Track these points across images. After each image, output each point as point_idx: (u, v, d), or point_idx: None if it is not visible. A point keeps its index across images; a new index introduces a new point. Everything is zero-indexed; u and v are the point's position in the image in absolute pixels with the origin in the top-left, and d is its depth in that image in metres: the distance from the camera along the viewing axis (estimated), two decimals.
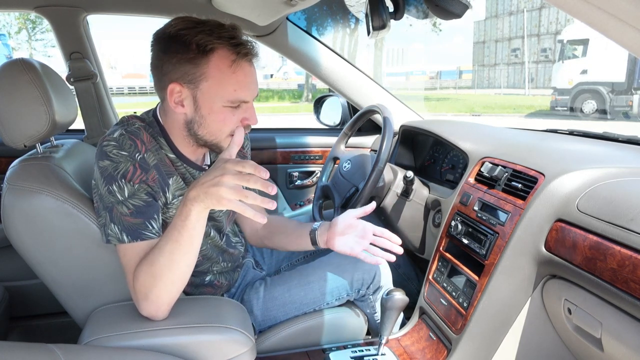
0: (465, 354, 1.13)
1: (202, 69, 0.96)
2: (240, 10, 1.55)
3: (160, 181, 1.01)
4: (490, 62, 29.41)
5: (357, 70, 1.95)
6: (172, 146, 1.06)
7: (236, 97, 0.98)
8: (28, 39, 20.72)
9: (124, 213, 0.96)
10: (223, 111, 0.99)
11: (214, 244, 1.18)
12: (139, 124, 1.02)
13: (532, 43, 26.09)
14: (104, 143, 0.98)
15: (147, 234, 0.98)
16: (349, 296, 1.31)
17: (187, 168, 1.09)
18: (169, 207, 1.05)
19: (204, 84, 0.97)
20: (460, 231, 1.24)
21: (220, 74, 0.96)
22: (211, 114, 0.99)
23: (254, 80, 1.02)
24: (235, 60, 0.96)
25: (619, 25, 0.47)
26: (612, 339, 0.88)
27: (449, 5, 0.88)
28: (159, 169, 1.01)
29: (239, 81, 0.97)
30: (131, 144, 0.97)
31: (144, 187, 0.98)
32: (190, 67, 0.96)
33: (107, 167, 0.96)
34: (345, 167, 1.56)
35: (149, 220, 0.98)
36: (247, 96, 1.00)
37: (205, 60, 0.95)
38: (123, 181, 0.96)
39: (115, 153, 0.96)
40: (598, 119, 12.16)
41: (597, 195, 0.95)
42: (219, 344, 0.95)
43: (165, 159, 1.04)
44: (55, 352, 0.80)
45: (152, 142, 1.02)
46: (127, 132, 0.99)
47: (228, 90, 0.97)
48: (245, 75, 0.98)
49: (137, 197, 0.97)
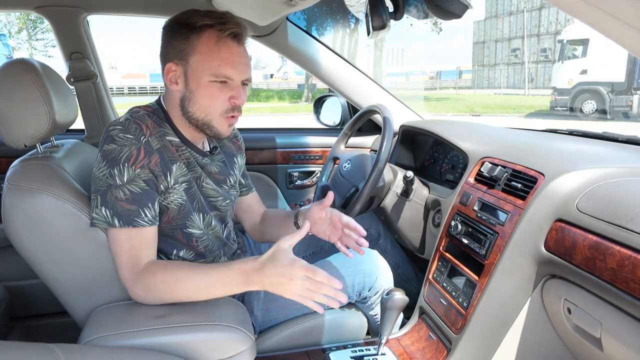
0: (465, 353, 1.13)
1: (191, 44, 1.02)
2: (240, 10, 1.55)
3: (163, 165, 1.04)
4: (490, 62, 29.42)
5: (357, 70, 1.95)
6: (176, 131, 1.10)
7: (220, 72, 1.02)
8: (28, 38, 20.72)
9: (119, 198, 0.99)
10: (210, 86, 1.03)
11: (214, 235, 1.19)
12: (143, 112, 1.08)
13: (532, 43, 26.10)
14: (110, 128, 1.02)
15: (140, 221, 1.00)
16: (350, 299, 1.31)
17: (191, 152, 1.12)
18: (170, 191, 1.06)
19: (193, 58, 1.03)
20: (460, 231, 1.24)
21: (207, 49, 1.02)
22: (199, 88, 1.04)
23: (242, 61, 1.05)
24: (221, 37, 1.02)
25: (619, 25, 0.47)
26: (611, 339, 0.89)
27: (449, 5, 0.88)
28: (162, 154, 1.04)
29: (223, 57, 1.02)
30: (137, 127, 1.01)
31: (145, 172, 1.00)
32: (182, 43, 1.03)
33: (112, 150, 0.99)
34: (345, 167, 1.56)
35: (143, 207, 1.00)
36: (232, 74, 1.04)
37: (196, 36, 1.02)
38: (126, 165, 0.98)
39: (121, 136, 1.00)
40: (598, 119, 12.16)
41: (597, 195, 0.95)
42: (219, 342, 0.96)
43: (169, 146, 1.07)
44: (56, 351, 0.80)
45: (156, 128, 1.06)
46: (132, 117, 1.04)
47: (213, 65, 1.02)
48: (231, 53, 1.03)
49: (135, 184, 0.99)
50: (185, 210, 1.10)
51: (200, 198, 1.13)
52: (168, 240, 1.12)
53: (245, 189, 1.38)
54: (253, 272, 0.93)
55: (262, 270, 0.93)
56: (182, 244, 1.14)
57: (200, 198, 1.14)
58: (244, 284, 0.94)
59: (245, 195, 1.39)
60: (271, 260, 0.93)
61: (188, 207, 1.10)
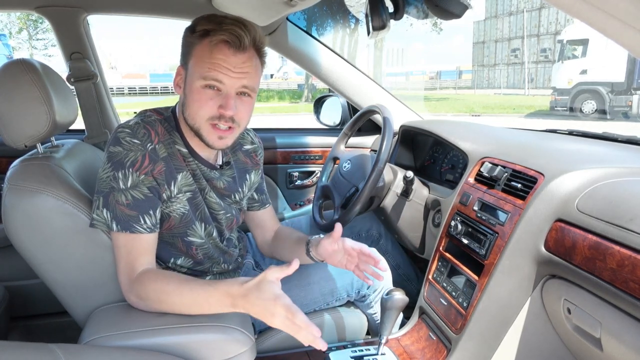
0: (465, 353, 1.13)
1: (192, 48, 1.02)
2: (240, 11, 1.55)
3: (167, 174, 1.03)
4: (490, 62, 29.42)
5: (357, 71, 1.95)
6: (185, 141, 1.08)
7: (208, 75, 0.99)
8: (29, 38, 20.73)
9: (120, 202, 0.98)
10: (200, 92, 1.00)
11: (215, 244, 1.18)
12: (155, 117, 1.06)
13: (531, 43, 26.10)
14: (119, 129, 1.01)
15: (138, 227, 0.99)
16: (349, 297, 1.31)
17: (198, 165, 1.10)
18: (172, 201, 1.06)
19: (190, 62, 1.02)
20: (460, 231, 1.24)
21: (202, 53, 1.00)
22: (191, 93, 1.02)
23: (237, 67, 1.00)
24: (214, 42, 0.99)
25: (619, 25, 0.47)
26: (611, 339, 0.89)
27: (449, 5, 0.88)
28: (168, 163, 1.03)
29: (214, 62, 0.99)
30: (145, 133, 1.01)
31: (149, 179, 1.00)
32: (186, 47, 1.03)
33: (118, 153, 0.98)
34: (345, 167, 1.56)
35: (143, 214, 1.00)
36: (222, 77, 0.99)
37: (197, 41, 1.01)
38: (130, 170, 0.98)
39: (128, 140, 0.99)
40: (598, 119, 12.17)
41: (597, 195, 0.95)
42: (219, 343, 0.96)
43: (177, 154, 1.06)
44: (56, 351, 0.80)
45: (165, 135, 1.04)
46: (143, 121, 1.03)
47: (204, 68, 0.99)
48: (224, 58, 0.99)
49: (138, 190, 0.99)
50: (188, 219, 1.09)
51: (204, 208, 1.13)
52: (167, 248, 1.11)
53: (258, 205, 1.34)
54: (239, 297, 0.91)
55: (247, 298, 0.90)
56: (180, 252, 1.13)
57: (204, 208, 1.13)
58: (230, 305, 0.92)
59: (258, 211, 1.35)
60: (256, 290, 0.90)
61: (190, 217, 1.09)
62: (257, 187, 1.32)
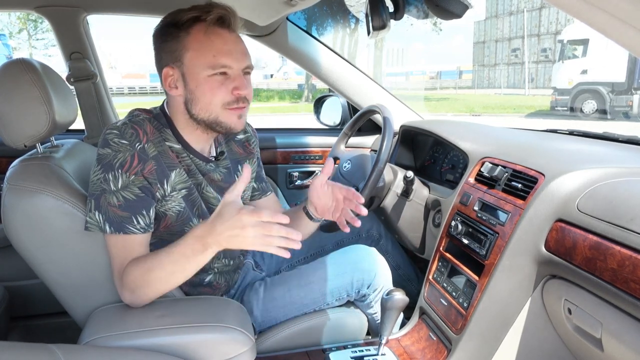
0: (465, 354, 1.13)
1: (182, 42, 1.00)
2: (240, 10, 1.54)
3: (159, 172, 1.02)
4: (490, 62, 29.41)
5: (357, 70, 1.95)
6: (178, 137, 1.07)
7: (216, 62, 0.99)
8: (28, 38, 20.73)
9: (112, 204, 0.98)
10: (209, 81, 1.00)
11: None
12: (144, 116, 1.05)
13: (532, 43, 26.08)
14: (107, 131, 1.00)
15: (131, 228, 0.99)
16: (349, 296, 1.31)
17: (192, 159, 1.09)
18: (167, 199, 1.05)
19: (186, 57, 1.00)
20: (460, 231, 1.24)
21: (199, 43, 0.99)
22: (198, 86, 1.01)
23: (237, 48, 1.02)
24: (209, 27, 0.98)
25: (619, 25, 0.47)
26: (612, 339, 0.88)
27: (449, 5, 0.88)
28: (159, 161, 1.02)
29: (216, 47, 0.99)
30: (133, 133, 0.99)
31: (140, 179, 0.99)
32: (173, 44, 1.01)
33: (107, 155, 0.98)
34: (345, 167, 1.56)
35: (136, 215, 0.99)
36: (230, 61, 1.00)
37: (185, 34, 1.00)
38: (120, 171, 0.97)
39: (116, 141, 0.98)
40: (598, 119, 12.16)
41: (597, 195, 0.95)
42: (219, 343, 0.95)
43: (169, 152, 1.05)
44: (55, 352, 0.80)
45: (155, 134, 1.03)
46: (130, 121, 1.02)
47: (207, 57, 0.99)
48: (224, 42, 0.99)
49: (129, 190, 0.98)
50: (184, 216, 1.09)
51: (200, 204, 1.12)
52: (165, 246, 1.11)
53: (259, 193, 1.34)
54: (206, 234, 0.89)
55: (214, 229, 0.89)
56: None
57: (201, 204, 1.13)
58: (202, 248, 0.90)
59: (259, 199, 1.35)
60: (219, 217, 0.88)
61: (187, 214, 1.09)
62: (256, 176, 1.32)
